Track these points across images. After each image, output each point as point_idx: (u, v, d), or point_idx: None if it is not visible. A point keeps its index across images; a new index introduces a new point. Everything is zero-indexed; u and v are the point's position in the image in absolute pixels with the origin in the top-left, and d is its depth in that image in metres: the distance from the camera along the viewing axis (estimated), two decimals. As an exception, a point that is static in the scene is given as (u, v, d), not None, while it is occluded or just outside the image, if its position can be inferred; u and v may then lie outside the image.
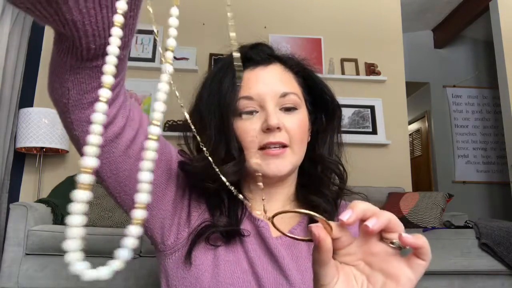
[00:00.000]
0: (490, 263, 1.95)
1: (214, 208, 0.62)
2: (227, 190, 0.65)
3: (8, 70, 2.60)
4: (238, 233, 0.60)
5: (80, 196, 0.25)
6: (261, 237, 0.62)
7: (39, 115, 2.60)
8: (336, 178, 0.69)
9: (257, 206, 0.66)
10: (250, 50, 0.66)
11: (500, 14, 3.59)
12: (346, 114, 3.22)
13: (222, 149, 0.59)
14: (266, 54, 0.66)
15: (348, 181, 0.69)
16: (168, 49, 0.28)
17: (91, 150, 0.24)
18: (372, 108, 3.28)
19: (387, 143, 3.21)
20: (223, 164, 0.59)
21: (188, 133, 0.67)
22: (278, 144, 0.60)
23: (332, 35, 3.43)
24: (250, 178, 0.66)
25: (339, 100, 0.70)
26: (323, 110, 0.70)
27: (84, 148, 0.25)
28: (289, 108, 0.63)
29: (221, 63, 0.67)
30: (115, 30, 0.26)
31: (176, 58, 3.21)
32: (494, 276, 1.98)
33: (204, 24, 3.30)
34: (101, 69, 0.40)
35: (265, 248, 0.61)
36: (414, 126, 5.22)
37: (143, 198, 0.27)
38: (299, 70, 0.69)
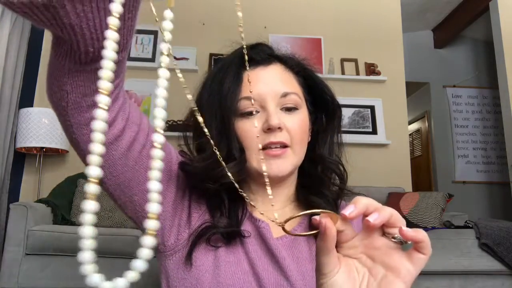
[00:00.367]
0: (490, 263, 1.95)
1: (215, 209, 0.62)
2: (227, 191, 0.65)
3: (8, 70, 2.60)
4: (239, 234, 0.60)
5: (90, 207, 0.24)
6: (262, 238, 0.62)
7: (39, 115, 2.60)
8: (337, 178, 0.69)
9: (259, 207, 0.66)
10: (251, 50, 0.66)
11: (500, 14, 3.59)
12: (346, 114, 3.22)
13: (223, 150, 0.59)
14: (266, 54, 0.66)
15: (348, 181, 0.69)
16: (164, 54, 0.28)
17: (95, 160, 0.24)
18: (372, 108, 3.28)
19: (387, 143, 3.21)
20: (225, 164, 0.59)
21: (188, 133, 0.67)
22: (279, 144, 0.60)
23: (332, 35, 3.43)
24: (251, 179, 0.66)
25: (339, 100, 0.70)
26: (323, 110, 0.70)
27: (88, 158, 0.25)
28: (290, 108, 0.63)
29: (221, 63, 0.67)
30: (110, 33, 0.26)
31: (176, 58, 3.21)
32: (494, 276, 1.98)
33: (204, 24, 3.30)
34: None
35: (266, 249, 0.61)
36: (414, 126, 5.22)
37: (155, 208, 0.27)
38: (300, 70, 0.69)
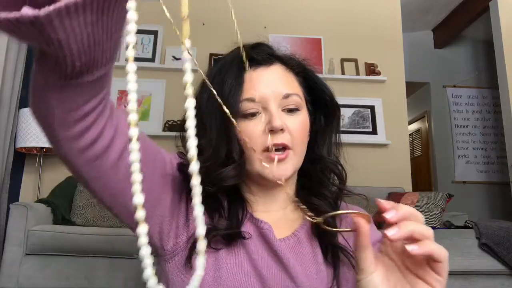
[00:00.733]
0: (490, 263, 1.95)
1: (213, 211, 0.62)
2: (227, 192, 0.65)
3: (8, 70, 2.60)
4: (240, 236, 0.60)
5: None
6: (265, 239, 0.61)
7: (39, 115, 2.60)
8: (336, 178, 0.69)
9: (259, 208, 0.66)
10: (252, 50, 0.65)
11: (500, 14, 3.59)
12: (346, 114, 3.22)
13: (223, 152, 0.59)
14: (267, 54, 0.66)
15: (348, 181, 0.69)
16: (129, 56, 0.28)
17: None
18: (372, 108, 3.28)
19: (387, 143, 3.21)
20: (223, 167, 0.59)
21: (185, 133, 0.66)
22: (281, 146, 0.60)
23: (332, 35, 3.43)
24: (250, 180, 0.66)
25: (339, 100, 0.70)
26: (323, 110, 0.70)
27: None
28: (292, 109, 0.63)
29: (221, 63, 0.66)
30: (130, 67, 0.25)
31: (176, 58, 3.22)
32: (494, 276, 1.98)
33: (204, 24, 3.30)
34: (86, 85, 0.40)
35: (269, 250, 0.61)
36: (414, 126, 5.22)
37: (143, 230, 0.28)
38: (300, 71, 0.68)
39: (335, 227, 0.66)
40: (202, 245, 0.27)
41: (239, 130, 0.61)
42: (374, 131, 3.22)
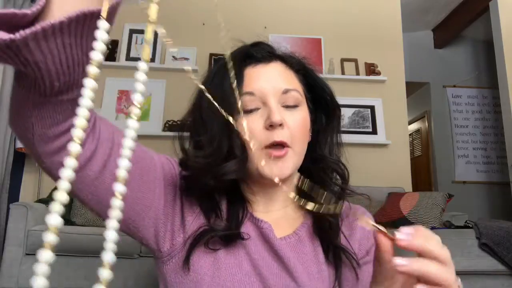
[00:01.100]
0: (490, 263, 1.95)
1: (209, 211, 0.61)
2: (227, 192, 0.64)
3: (8, 71, 2.60)
4: (238, 237, 0.60)
5: (45, 257, 0.22)
6: (265, 239, 0.61)
7: (39, 115, 2.60)
8: (338, 178, 0.68)
9: (259, 208, 0.66)
10: (251, 48, 0.66)
11: (500, 14, 3.59)
12: (346, 114, 3.22)
13: (225, 147, 0.58)
14: (267, 52, 0.66)
15: (349, 181, 0.69)
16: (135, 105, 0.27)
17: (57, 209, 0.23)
18: (372, 108, 3.28)
19: (387, 143, 3.21)
20: (225, 162, 0.59)
21: (184, 133, 0.66)
22: (280, 143, 0.60)
23: (332, 35, 3.43)
24: (251, 180, 0.65)
25: (339, 100, 0.69)
26: (323, 110, 0.70)
27: (47, 218, 0.24)
28: (291, 105, 0.63)
29: (222, 61, 0.66)
30: (90, 82, 0.25)
31: (176, 58, 3.22)
32: (494, 276, 1.98)
33: (204, 24, 3.30)
34: (66, 103, 0.39)
35: (270, 250, 0.60)
36: (414, 126, 5.22)
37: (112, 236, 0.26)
38: (300, 69, 0.68)
39: (338, 226, 0.65)
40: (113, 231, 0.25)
41: (238, 127, 0.60)
42: (374, 131, 3.23)
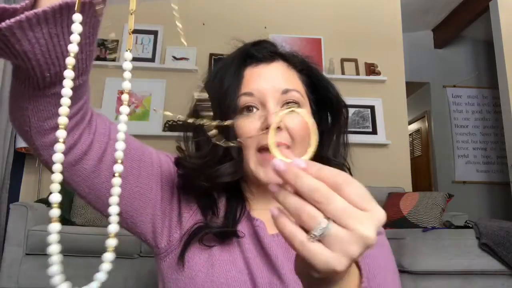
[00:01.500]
0: (490, 263, 1.95)
1: (206, 209, 0.61)
2: (225, 190, 0.64)
3: (8, 70, 2.60)
4: (233, 234, 0.60)
5: (54, 228, 0.30)
6: (257, 237, 0.61)
7: (39, 115, 2.60)
8: None
9: (257, 206, 0.65)
10: (252, 47, 0.65)
11: (500, 14, 3.59)
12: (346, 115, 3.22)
13: (221, 148, 0.58)
14: (269, 52, 0.65)
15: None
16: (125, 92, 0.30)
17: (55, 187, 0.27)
18: (372, 108, 3.28)
19: (387, 143, 3.21)
20: (221, 164, 0.58)
21: (188, 133, 0.66)
22: (278, 145, 0.59)
23: (332, 35, 3.43)
24: (249, 179, 0.65)
25: None
26: (329, 110, 0.68)
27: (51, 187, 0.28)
28: (291, 106, 0.61)
29: (223, 61, 0.66)
30: (68, 73, 0.27)
31: (176, 58, 3.22)
32: (494, 276, 1.98)
33: (204, 24, 3.30)
34: (59, 96, 0.41)
35: (261, 247, 0.60)
36: (414, 126, 5.22)
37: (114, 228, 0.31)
38: (303, 68, 0.67)
39: None
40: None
41: (235, 128, 0.60)
42: (374, 131, 3.23)
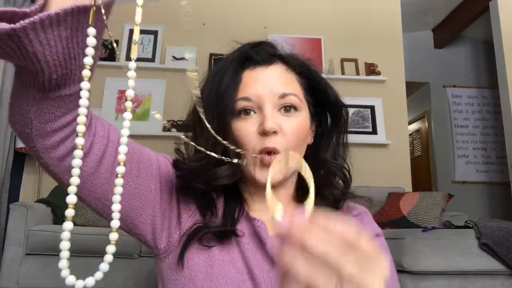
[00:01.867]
0: (490, 263, 1.95)
1: (205, 209, 0.61)
2: (224, 191, 0.64)
3: (8, 71, 2.60)
4: (232, 233, 0.60)
5: (67, 226, 0.33)
6: (258, 237, 0.61)
7: (39, 115, 2.60)
8: (340, 182, 0.67)
9: (256, 207, 0.65)
10: (251, 49, 0.64)
11: (500, 14, 3.59)
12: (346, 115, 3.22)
13: (219, 151, 0.58)
14: (268, 54, 0.65)
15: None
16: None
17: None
18: (372, 108, 3.28)
19: (387, 143, 3.21)
20: (218, 166, 0.58)
21: (189, 134, 0.66)
22: (272, 151, 0.58)
23: (332, 35, 3.43)
24: (248, 180, 0.65)
25: None
26: (328, 111, 0.68)
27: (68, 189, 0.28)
28: (288, 109, 0.61)
29: (222, 63, 0.66)
30: (84, 85, 0.30)
31: (176, 58, 3.22)
32: (494, 276, 1.97)
33: (204, 24, 3.30)
34: (63, 99, 0.42)
35: (262, 248, 0.60)
36: (414, 126, 5.22)
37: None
38: (302, 71, 0.67)
39: None
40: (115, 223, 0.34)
41: (233, 131, 0.60)
42: (374, 131, 3.22)
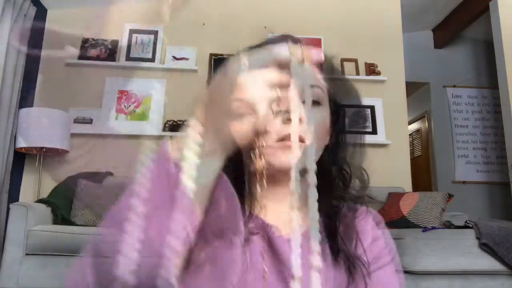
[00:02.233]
0: (490, 263, 1.95)
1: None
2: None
3: (8, 70, 2.60)
4: (240, 232, 0.60)
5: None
6: (268, 236, 0.60)
7: (39, 115, 2.60)
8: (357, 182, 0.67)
9: (268, 207, 0.65)
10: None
11: (500, 14, 3.59)
12: (346, 114, 3.22)
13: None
14: None
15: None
16: None
17: None
18: (372, 108, 3.27)
19: (387, 143, 3.21)
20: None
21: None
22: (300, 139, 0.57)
23: (332, 35, 3.42)
24: (260, 178, 0.64)
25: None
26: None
27: None
28: (312, 102, 0.61)
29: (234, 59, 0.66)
30: None
31: (176, 58, 3.21)
32: (494, 276, 1.98)
33: (204, 24, 3.29)
34: None
35: (271, 247, 0.60)
36: (414, 126, 5.22)
37: None
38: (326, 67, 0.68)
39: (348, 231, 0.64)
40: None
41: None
42: (374, 131, 3.22)
